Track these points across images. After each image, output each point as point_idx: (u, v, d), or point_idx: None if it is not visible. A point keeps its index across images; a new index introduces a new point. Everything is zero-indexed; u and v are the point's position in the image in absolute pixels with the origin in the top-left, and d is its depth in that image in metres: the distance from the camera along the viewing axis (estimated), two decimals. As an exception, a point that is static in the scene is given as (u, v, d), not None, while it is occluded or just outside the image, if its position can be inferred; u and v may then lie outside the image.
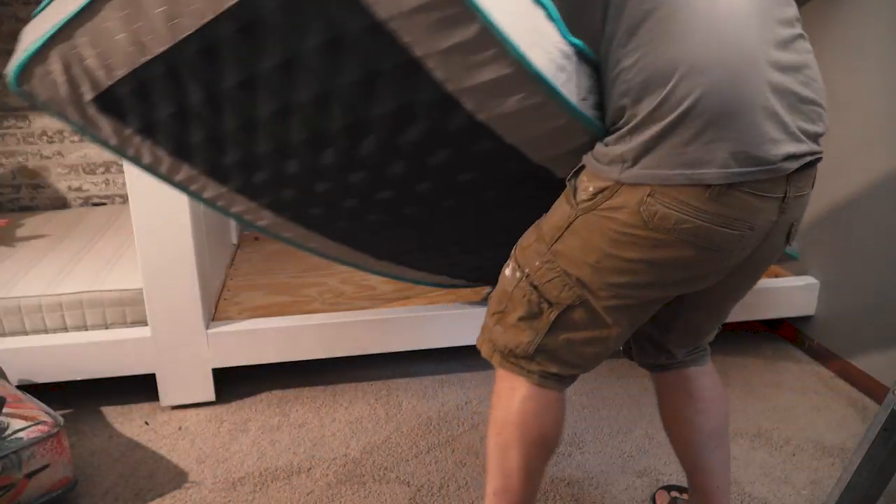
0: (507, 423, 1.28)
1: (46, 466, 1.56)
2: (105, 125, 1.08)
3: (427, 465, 1.79)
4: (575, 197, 1.08)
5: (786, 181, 1.02)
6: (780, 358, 2.35)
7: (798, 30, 1.03)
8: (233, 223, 2.93)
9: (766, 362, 2.32)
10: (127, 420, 2.00)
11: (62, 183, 2.93)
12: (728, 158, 0.97)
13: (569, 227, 1.09)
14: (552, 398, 1.25)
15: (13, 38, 2.73)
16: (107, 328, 2.01)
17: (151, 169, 1.21)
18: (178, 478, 1.75)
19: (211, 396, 2.05)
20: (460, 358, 2.33)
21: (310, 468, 1.79)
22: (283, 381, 2.21)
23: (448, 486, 1.71)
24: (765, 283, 2.31)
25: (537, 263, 1.14)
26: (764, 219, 1.04)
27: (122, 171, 2.95)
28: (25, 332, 1.98)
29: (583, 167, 1.09)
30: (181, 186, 1.23)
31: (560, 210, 1.11)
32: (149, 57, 0.93)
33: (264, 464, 1.80)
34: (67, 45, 0.93)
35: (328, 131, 1.05)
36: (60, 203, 2.96)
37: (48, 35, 0.93)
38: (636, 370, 2.27)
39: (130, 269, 2.13)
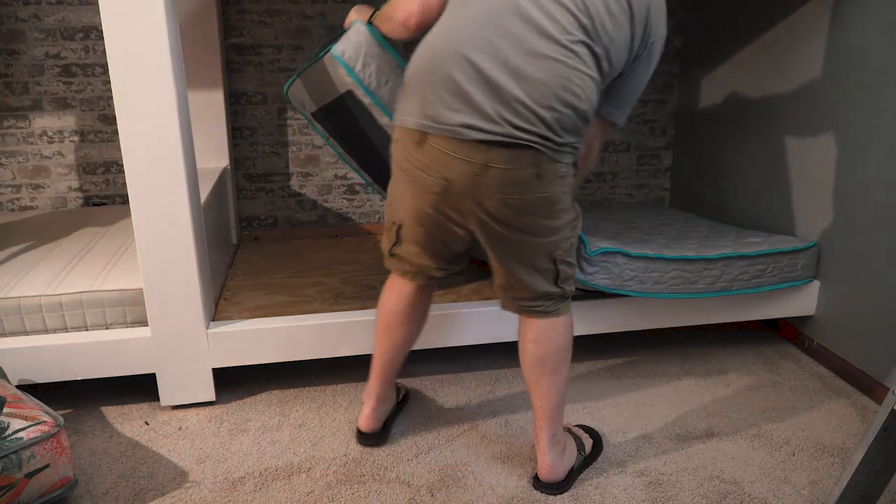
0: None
1: (46, 466, 1.56)
2: (318, 122, 2.02)
3: (427, 465, 1.79)
4: None
5: (484, 151, 1.38)
6: (780, 358, 2.35)
7: (554, 58, 1.36)
8: (232, 223, 2.93)
9: (766, 362, 2.32)
10: (127, 420, 2.00)
11: (62, 183, 2.94)
12: (419, 114, 1.43)
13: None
14: (404, 289, 1.74)
15: (13, 37, 2.73)
16: (107, 328, 2.01)
17: (327, 139, 2.09)
18: (178, 478, 1.75)
19: (211, 396, 2.05)
20: (460, 358, 2.33)
21: (310, 468, 1.79)
22: (283, 381, 2.21)
23: (448, 486, 1.71)
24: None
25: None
26: (458, 175, 1.42)
27: (122, 171, 2.95)
28: (25, 332, 1.98)
29: None
30: (328, 141, 2.12)
31: None
32: (315, 108, 1.95)
33: (264, 464, 1.80)
34: (297, 83, 1.91)
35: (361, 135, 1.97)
36: (60, 203, 2.96)
37: (297, 74, 1.89)
38: (635, 371, 2.27)
39: (130, 269, 2.13)
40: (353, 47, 1.74)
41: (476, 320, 2.14)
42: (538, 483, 1.69)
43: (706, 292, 2.19)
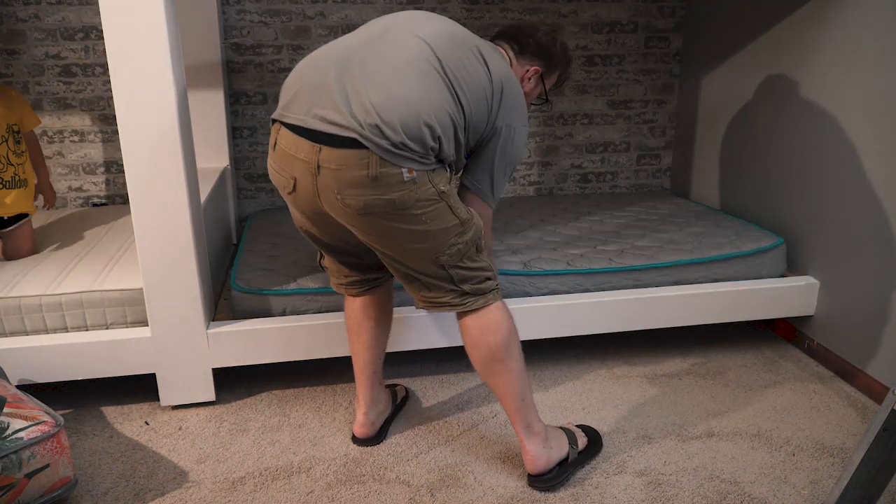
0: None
1: (46, 466, 1.56)
2: None
3: (427, 465, 1.79)
4: None
5: (316, 152, 1.42)
6: (780, 358, 2.35)
7: (410, 72, 1.43)
8: (232, 223, 2.93)
9: (766, 362, 2.32)
10: (127, 420, 2.00)
11: (62, 183, 2.94)
12: (276, 113, 1.52)
13: None
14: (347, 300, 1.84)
15: (13, 37, 2.73)
16: (107, 328, 2.01)
17: None
18: (178, 478, 1.75)
19: (211, 396, 2.05)
20: (460, 358, 2.33)
21: (310, 468, 1.79)
22: (283, 381, 2.21)
23: (448, 486, 1.71)
24: (764, 283, 2.32)
25: None
26: (300, 173, 1.47)
27: (121, 171, 2.95)
28: (26, 332, 1.98)
29: None
30: None
31: None
32: None
33: (264, 464, 1.80)
34: None
35: None
36: (60, 203, 2.96)
37: None
38: (635, 370, 2.27)
39: (130, 269, 2.13)
40: None
41: (476, 320, 2.13)
42: (529, 478, 1.70)
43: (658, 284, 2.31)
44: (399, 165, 1.42)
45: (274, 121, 1.52)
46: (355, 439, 1.88)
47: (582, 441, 1.80)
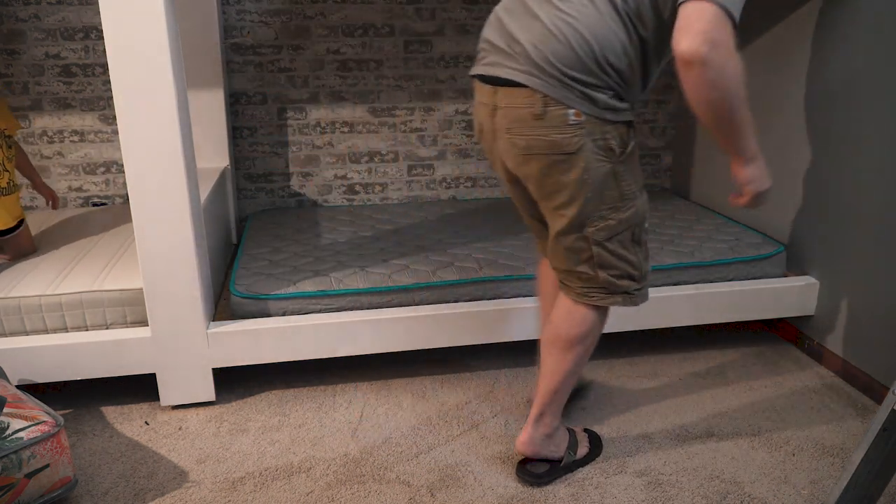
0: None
1: (46, 466, 1.56)
2: None
3: (427, 465, 1.79)
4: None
5: (492, 94, 1.48)
6: (780, 358, 2.35)
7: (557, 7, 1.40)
8: (232, 223, 2.93)
9: (766, 362, 2.32)
10: (127, 420, 2.00)
11: (62, 183, 2.94)
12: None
13: None
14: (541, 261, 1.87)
15: (13, 37, 2.73)
16: (107, 328, 2.01)
17: None
18: (178, 478, 1.75)
19: (211, 396, 2.05)
20: (460, 358, 2.33)
21: (310, 468, 1.79)
22: (283, 381, 2.21)
23: (448, 486, 1.71)
24: (765, 283, 2.32)
25: None
26: (484, 117, 1.53)
27: (122, 171, 2.95)
28: (25, 333, 1.98)
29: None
30: None
31: None
32: None
33: (264, 464, 1.80)
34: None
35: None
36: (60, 203, 2.96)
37: None
38: (634, 371, 2.27)
39: (130, 269, 2.13)
40: None
41: (476, 320, 2.14)
42: (518, 467, 1.73)
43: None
44: (566, 105, 1.39)
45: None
46: None
47: (582, 450, 1.79)
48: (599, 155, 1.43)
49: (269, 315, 2.08)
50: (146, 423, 1.99)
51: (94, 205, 2.97)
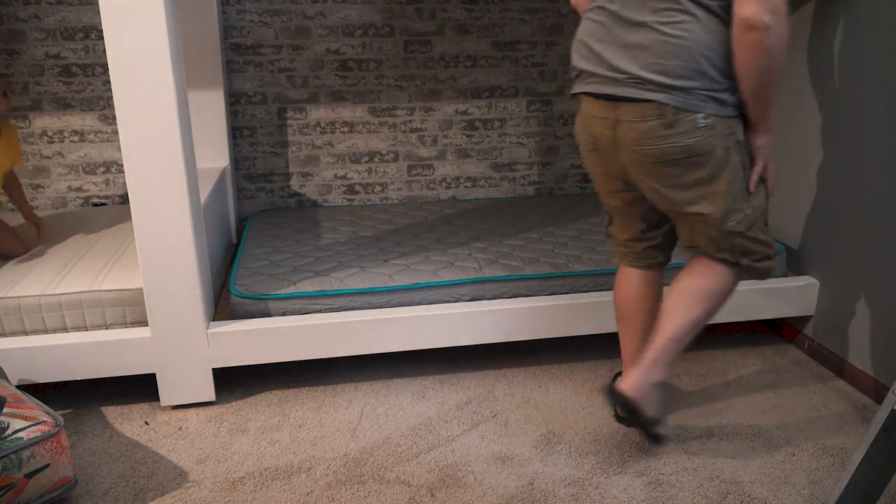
0: None
1: (46, 466, 1.56)
2: None
3: (427, 465, 1.79)
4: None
5: (612, 109, 1.53)
6: (780, 358, 2.35)
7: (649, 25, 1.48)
8: (232, 223, 2.93)
9: (766, 362, 2.32)
10: (127, 420, 2.00)
11: (62, 183, 2.94)
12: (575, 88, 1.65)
13: None
14: (628, 274, 1.83)
15: (13, 37, 2.73)
16: (106, 328, 2.01)
17: None
18: (178, 478, 1.75)
19: (211, 396, 2.05)
20: (460, 358, 2.33)
21: (310, 468, 1.79)
22: (283, 381, 2.21)
23: (448, 486, 1.71)
24: (765, 282, 2.31)
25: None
26: (599, 130, 1.58)
27: (122, 171, 2.95)
28: (25, 333, 1.98)
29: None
30: None
31: None
32: None
33: (264, 464, 1.80)
34: None
35: None
36: (60, 203, 2.96)
37: None
38: (636, 370, 2.27)
39: (130, 269, 2.13)
40: None
41: (476, 321, 2.14)
42: (614, 395, 1.68)
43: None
44: (694, 111, 1.45)
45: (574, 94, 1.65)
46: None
47: (663, 430, 1.78)
48: (730, 149, 1.52)
49: (269, 315, 2.08)
50: (146, 423, 1.99)
51: (94, 205, 2.96)
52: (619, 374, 2.04)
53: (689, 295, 1.67)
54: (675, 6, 1.44)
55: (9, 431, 1.53)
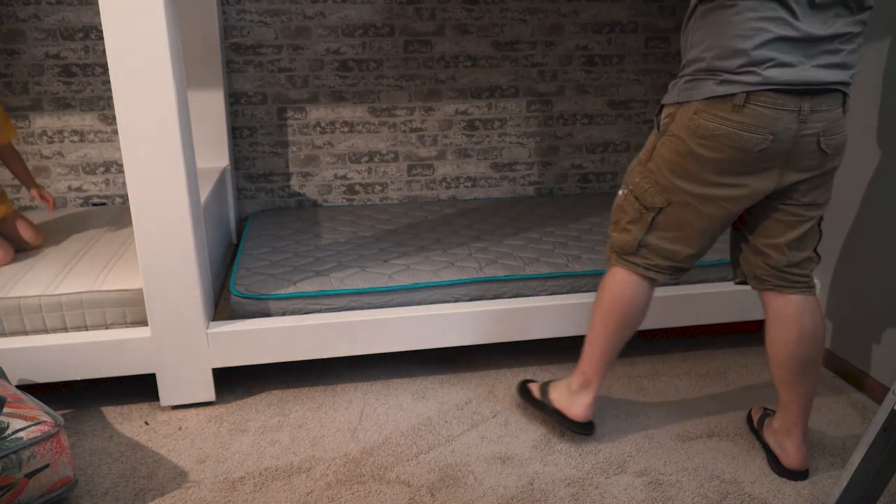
0: (603, 296, 1.76)
1: (46, 466, 1.56)
2: None
3: (427, 465, 1.79)
4: (658, 129, 1.61)
5: (800, 98, 1.44)
6: (780, 358, 2.35)
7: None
8: (232, 223, 2.93)
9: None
10: (127, 420, 2.00)
11: (62, 183, 2.94)
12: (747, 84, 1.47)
13: (654, 149, 1.62)
14: (644, 286, 1.72)
15: (13, 37, 2.73)
16: (107, 328, 2.01)
17: None
18: (178, 478, 1.75)
19: (211, 396, 2.05)
20: (460, 358, 2.33)
21: (310, 468, 1.79)
22: (283, 381, 2.21)
23: (448, 486, 1.71)
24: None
25: (637, 180, 1.67)
26: (784, 125, 1.45)
27: (121, 172, 2.95)
28: (25, 333, 1.98)
29: (661, 107, 1.61)
30: None
31: (650, 141, 1.65)
32: None
33: (264, 464, 1.80)
34: None
35: None
36: (60, 203, 2.96)
37: None
38: (635, 370, 2.27)
39: (130, 269, 2.13)
40: None
41: (476, 321, 2.14)
42: (789, 473, 1.74)
43: None
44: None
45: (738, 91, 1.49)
46: (581, 425, 1.85)
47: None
48: None
49: (269, 315, 2.08)
50: (146, 423, 1.99)
51: (94, 205, 2.97)
52: (547, 382, 1.98)
53: (818, 359, 1.69)
54: None
55: (9, 431, 1.53)
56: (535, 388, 1.98)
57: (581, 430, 1.85)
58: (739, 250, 1.72)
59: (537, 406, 1.94)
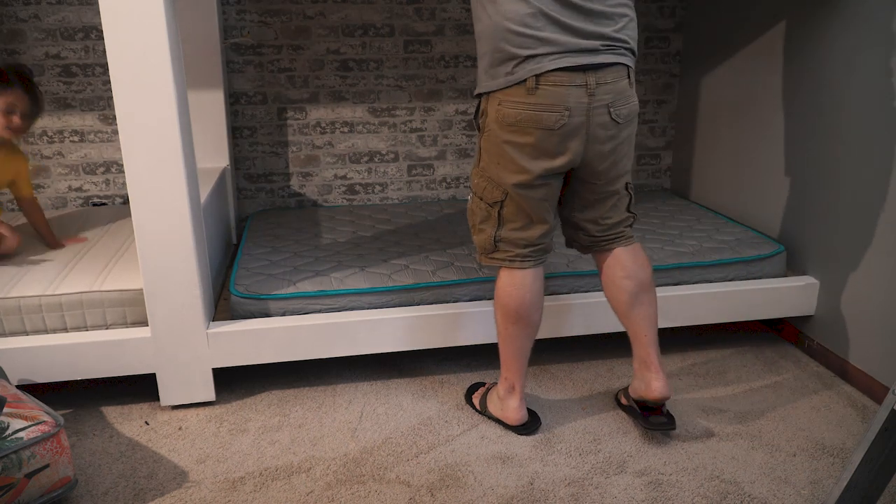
0: (495, 299, 1.84)
1: (46, 466, 1.56)
2: None
3: (427, 465, 1.79)
4: (478, 129, 1.72)
5: (587, 77, 1.58)
6: (780, 358, 2.35)
7: None
8: (232, 223, 2.93)
9: (766, 362, 2.32)
10: (127, 420, 2.00)
11: (62, 183, 2.94)
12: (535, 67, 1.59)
13: (480, 148, 1.73)
14: (520, 276, 1.78)
15: (13, 37, 2.73)
16: (107, 328, 2.01)
17: None
18: (178, 478, 1.75)
19: (211, 396, 2.05)
20: (460, 358, 2.33)
21: (310, 468, 1.79)
22: (283, 381, 2.21)
23: (448, 486, 1.71)
24: (765, 283, 2.32)
25: (476, 181, 1.77)
26: (575, 101, 1.58)
27: (122, 172, 2.95)
28: (25, 333, 1.98)
29: (477, 106, 1.71)
30: None
31: (477, 142, 1.76)
32: None
33: (264, 464, 1.80)
34: None
35: None
36: (60, 203, 2.96)
37: None
38: (636, 370, 2.27)
39: (130, 269, 2.13)
40: None
41: (476, 320, 2.14)
42: (647, 409, 1.88)
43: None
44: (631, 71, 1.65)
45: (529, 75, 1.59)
46: (522, 427, 1.92)
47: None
48: None
49: (269, 315, 2.08)
50: (146, 423, 1.99)
51: (94, 205, 2.97)
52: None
53: (649, 290, 1.84)
54: None
55: (9, 431, 1.53)
56: (476, 401, 2.04)
57: (523, 431, 1.92)
58: (562, 222, 1.88)
59: (483, 416, 2.01)
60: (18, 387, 1.95)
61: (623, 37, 1.60)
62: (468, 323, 2.13)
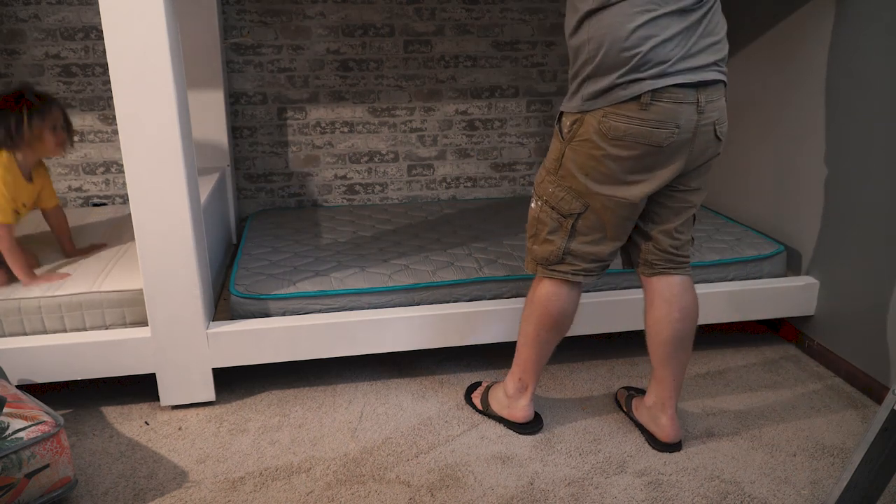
0: (533, 304, 1.80)
1: (46, 466, 1.56)
2: None
3: (427, 465, 1.79)
4: (561, 136, 1.64)
5: (697, 94, 1.53)
6: (780, 358, 2.35)
7: None
8: (232, 223, 2.93)
9: (766, 362, 2.32)
10: (127, 420, 2.00)
11: (62, 183, 2.94)
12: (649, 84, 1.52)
13: (563, 156, 1.64)
14: (568, 288, 1.76)
15: (13, 37, 2.73)
16: (106, 329, 2.01)
17: None
18: (178, 478, 1.75)
19: (211, 396, 2.05)
20: (460, 358, 2.33)
21: (310, 468, 1.79)
22: (283, 381, 2.21)
23: (448, 486, 1.71)
24: (765, 283, 2.32)
25: (550, 189, 1.70)
26: (686, 118, 1.53)
27: (122, 172, 2.95)
28: (25, 334, 1.98)
29: (561, 114, 1.64)
30: None
31: (554, 149, 1.68)
32: None
33: (264, 464, 1.80)
34: None
35: None
36: (61, 203, 2.95)
37: None
38: (636, 370, 2.27)
39: (130, 269, 2.13)
40: None
41: (476, 320, 2.14)
42: (665, 447, 1.84)
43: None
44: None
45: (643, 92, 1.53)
46: (525, 426, 1.93)
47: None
48: None
49: (269, 315, 2.08)
50: (146, 423, 1.99)
51: (94, 205, 2.97)
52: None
53: (691, 335, 1.78)
54: None
55: (9, 431, 1.53)
56: (476, 401, 2.04)
57: (527, 430, 1.91)
58: (630, 238, 1.78)
59: (484, 415, 2.00)
60: (18, 387, 1.95)
61: (723, 55, 1.58)
62: (468, 323, 2.13)
